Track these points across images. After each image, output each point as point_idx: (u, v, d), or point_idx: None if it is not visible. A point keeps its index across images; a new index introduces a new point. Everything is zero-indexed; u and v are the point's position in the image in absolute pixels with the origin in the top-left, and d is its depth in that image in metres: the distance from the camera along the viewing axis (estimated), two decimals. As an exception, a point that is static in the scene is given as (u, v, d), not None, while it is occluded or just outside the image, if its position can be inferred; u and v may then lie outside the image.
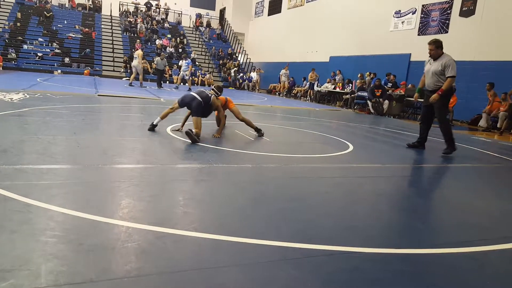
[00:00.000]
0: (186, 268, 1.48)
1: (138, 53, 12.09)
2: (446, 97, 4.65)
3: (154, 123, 4.61)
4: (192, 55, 19.00)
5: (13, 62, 15.51)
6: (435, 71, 4.64)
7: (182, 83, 14.13)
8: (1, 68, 14.60)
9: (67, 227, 1.75)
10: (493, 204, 2.96)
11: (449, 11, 10.98)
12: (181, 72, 13.76)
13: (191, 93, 4.42)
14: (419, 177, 3.66)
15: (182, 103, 4.38)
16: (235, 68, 19.25)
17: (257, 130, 4.93)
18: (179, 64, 13.44)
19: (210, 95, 4.50)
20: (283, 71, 16.89)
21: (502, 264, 1.84)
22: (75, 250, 1.52)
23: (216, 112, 4.86)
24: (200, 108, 4.25)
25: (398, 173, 3.72)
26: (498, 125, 8.63)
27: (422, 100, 5.18)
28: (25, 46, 16.57)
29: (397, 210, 2.61)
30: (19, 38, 16.97)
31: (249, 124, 5.00)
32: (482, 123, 9.22)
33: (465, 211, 2.69)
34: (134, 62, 12.07)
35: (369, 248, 1.82)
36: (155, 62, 14.06)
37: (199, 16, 23.86)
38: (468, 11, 10.44)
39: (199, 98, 4.27)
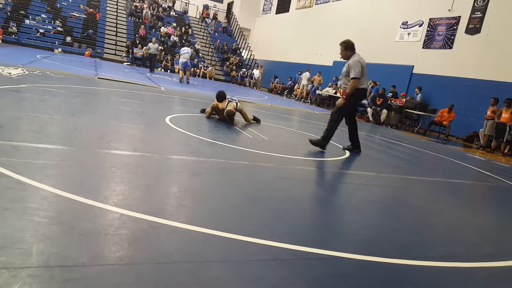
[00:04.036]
0: (177, 259, 1.49)
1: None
2: (354, 99, 4.37)
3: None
4: (197, 46, 18.88)
5: (13, 36, 15.27)
6: (343, 72, 4.42)
7: (183, 74, 12.18)
8: (0, 41, 14.37)
9: (61, 208, 1.74)
10: (480, 222, 3.01)
11: (455, 27, 11.06)
12: (182, 59, 11.92)
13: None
14: (413, 189, 3.70)
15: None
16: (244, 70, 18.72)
17: (229, 116, 5.36)
18: (180, 52, 12.38)
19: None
20: (306, 73, 15.61)
21: (484, 281, 1.87)
22: (68, 233, 1.52)
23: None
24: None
25: (392, 183, 3.76)
26: (492, 145, 8.75)
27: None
28: (27, 21, 16.32)
29: (389, 219, 2.64)
30: (22, 12, 16.70)
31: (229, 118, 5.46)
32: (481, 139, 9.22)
33: (454, 226, 2.73)
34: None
35: (358, 255, 1.84)
36: (147, 47, 13.86)
37: (206, 7, 23.70)
38: (474, 28, 10.53)
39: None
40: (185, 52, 11.92)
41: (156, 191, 2.25)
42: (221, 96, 5.48)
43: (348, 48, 4.36)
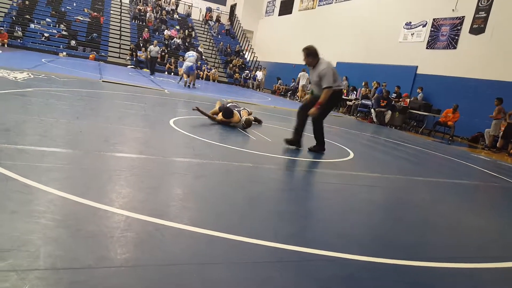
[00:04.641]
0: (182, 261, 1.49)
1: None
2: (331, 100, 4.21)
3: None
4: (200, 49, 18.96)
5: (18, 40, 15.43)
6: (314, 81, 4.22)
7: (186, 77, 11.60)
8: (6, 46, 14.54)
9: (67, 211, 1.75)
10: (485, 223, 2.98)
11: (459, 27, 11.01)
12: (187, 63, 11.31)
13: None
14: (417, 190, 3.68)
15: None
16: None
17: (248, 126, 5.20)
18: (185, 56, 12.04)
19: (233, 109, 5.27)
20: (303, 74, 15.12)
21: (490, 282, 1.85)
22: (74, 236, 1.53)
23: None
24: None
25: (396, 184, 3.74)
26: (498, 145, 8.67)
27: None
28: (32, 25, 16.49)
29: (393, 220, 2.62)
30: (27, 16, 16.88)
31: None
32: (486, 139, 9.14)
33: (458, 227, 2.71)
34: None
35: (364, 256, 1.83)
36: (148, 50, 13.87)
37: (209, 10, 23.80)
38: (478, 28, 10.47)
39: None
40: (190, 56, 11.59)
41: (160, 193, 2.26)
42: (228, 113, 5.15)
43: (310, 54, 4.14)
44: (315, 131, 4.33)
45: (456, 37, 11.04)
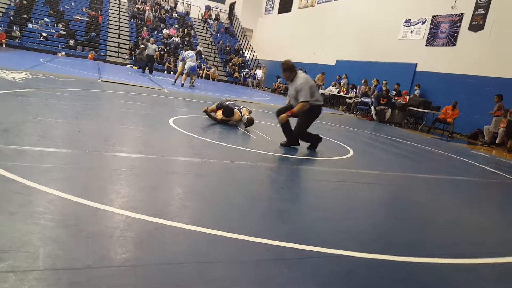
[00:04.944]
0: (183, 261, 1.49)
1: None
2: (311, 115, 4.21)
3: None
4: (199, 47, 18.91)
5: (16, 40, 15.39)
6: (291, 95, 4.22)
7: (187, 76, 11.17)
8: (4, 46, 14.50)
9: (66, 212, 1.75)
10: (485, 218, 2.99)
11: (458, 24, 10.98)
12: (190, 63, 10.88)
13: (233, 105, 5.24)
14: (417, 187, 3.68)
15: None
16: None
17: (250, 124, 5.14)
18: (186, 56, 11.60)
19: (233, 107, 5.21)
20: (319, 76, 14.52)
21: (492, 277, 1.86)
22: (74, 236, 1.53)
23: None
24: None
25: (396, 181, 3.74)
26: (497, 141, 8.68)
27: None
28: (30, 25, 16.44)
29: (394, 217, 2.63)
30: (25, 16, 16.83)
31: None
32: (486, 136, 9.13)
33: (459, 223, 2.71)
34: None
35: (364, 253, 1.83)
36: (142, 46, 13.73)
37: (208, 8, 23.74)
38: (477, 25, 10.45)
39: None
40: (192, 56, 11.12)
41: (160, 192, 2.26)
42: (229, 112, 5.12)
43: (287, 69, 4.17)
44: (305, 139, 4.33)
45: (456, 34, 11.03)
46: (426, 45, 11.96)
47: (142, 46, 15.57)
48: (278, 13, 21.23)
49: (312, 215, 2.35)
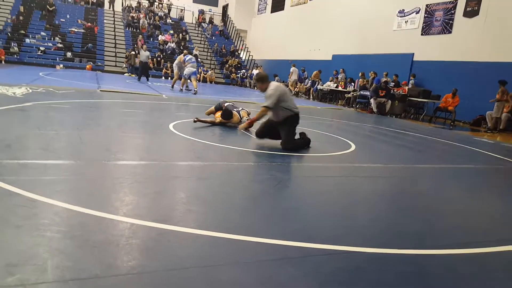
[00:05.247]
0: (188, 265, 1.50)
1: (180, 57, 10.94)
2: (291, 123, 4.13)
3: None
4: (195, 51, 18.94)
5: (15, 56, 15.50)
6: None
7: (188, 80, 11.01)
8: (3, 62, 14.61)
9: (72, 222, 1.76)
10: (493, 206, 2.97)
11: (453, 11, 10.93)
12: (190, 68, 10.53)
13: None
14: (420, 178, 3.67)
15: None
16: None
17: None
18: (183, 59, 10.89)
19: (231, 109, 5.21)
20: (294, 69, 15.46)
21: (501, 266, 1.85)
22: (80, 246, 1.54)
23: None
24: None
25: (399, 173, 3.73)
26: (501, 127, 8.63)
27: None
28: (27, 40, 16.56)
29: (398, 210, 2.62)
30: (22, 32, 16.95)
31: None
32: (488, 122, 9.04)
33: (466, 212, 2.70)
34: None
35: (370, 248, 1.83)
36: (131, 53, 13.69)
37: (201, 12, 23.77)
38: (472, 11, 10.40)
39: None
40: (193, 61, 10.72)
41: (164, 198, 2.27)
42: (228, 114, 5.11)
43: (259, 80, 4.26)
44: (298, 145, 4.20)
45: (451, 21, 10.98)
46: (421, 34, 11.91)
47: (133, 52, 15.58)
48: (271, 12, 21.23)
49: (316, 212, 2.35)
